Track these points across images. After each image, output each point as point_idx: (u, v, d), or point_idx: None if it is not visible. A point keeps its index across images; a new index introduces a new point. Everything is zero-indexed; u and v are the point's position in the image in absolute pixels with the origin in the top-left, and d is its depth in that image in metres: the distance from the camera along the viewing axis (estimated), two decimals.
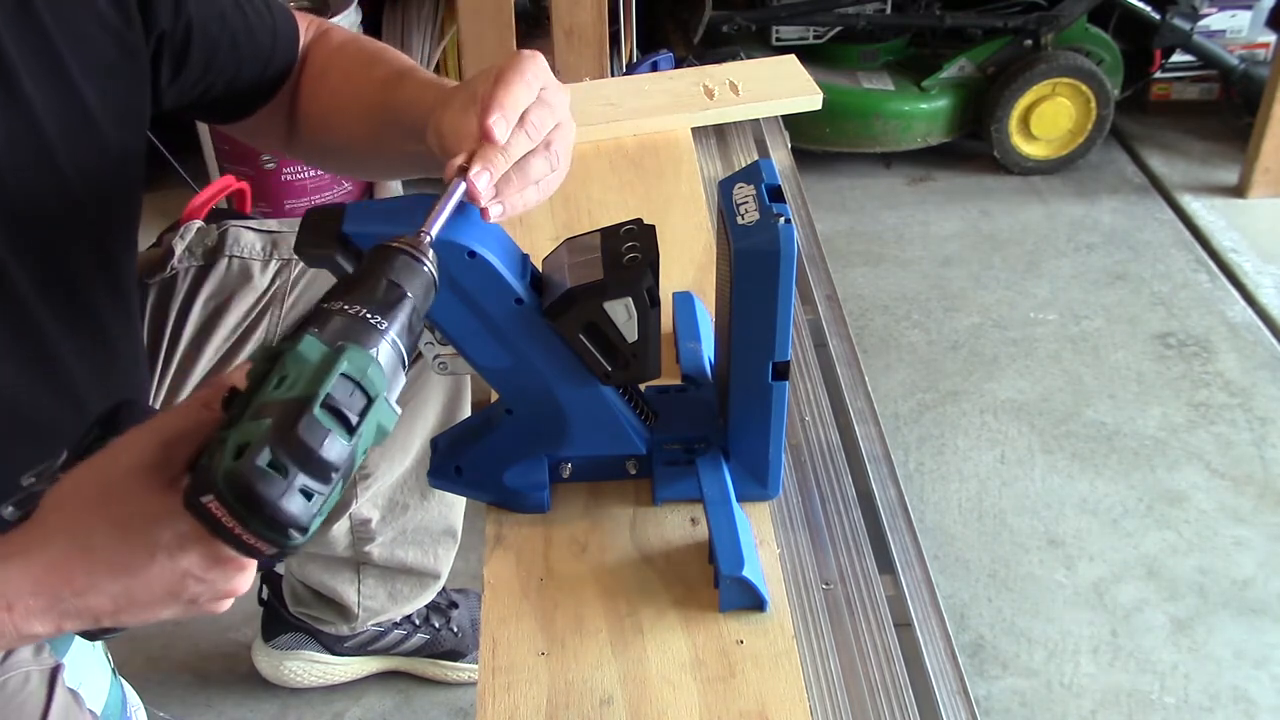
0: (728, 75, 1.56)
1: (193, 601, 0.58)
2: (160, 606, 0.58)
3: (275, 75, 0.98)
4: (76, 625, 0.57)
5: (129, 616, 0.58)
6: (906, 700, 0.75)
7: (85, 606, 0.57)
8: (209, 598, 0.58)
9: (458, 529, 1.43)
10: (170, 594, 0.57)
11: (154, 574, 0.57)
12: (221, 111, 1.00)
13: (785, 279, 0.78)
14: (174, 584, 0.57)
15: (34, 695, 0.90)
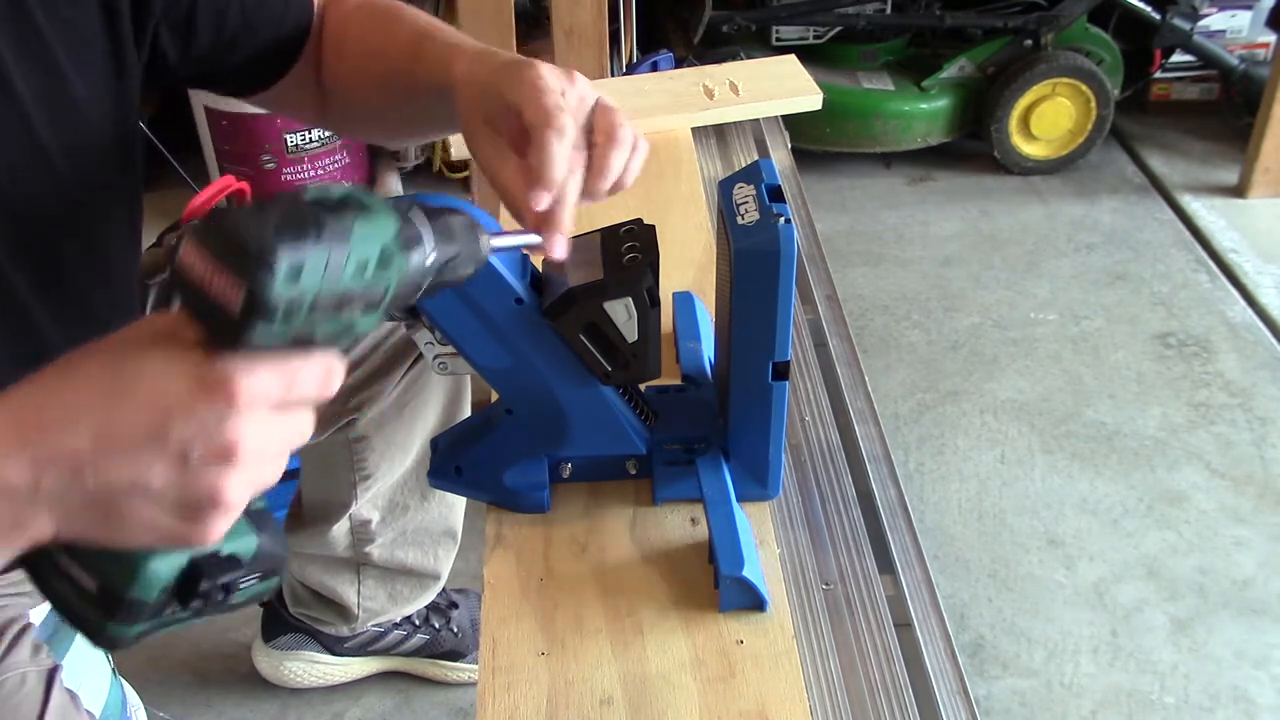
0: (728, 75, 1.57)
1: (181, 456, 0.50)
2: (145, 452, 0.50)
3: (292, 39, 0.95)
4: (55, 477, 0.50)
5: (110, 464, 0.50)
6: (906, 700, 0.75)
7: (61, 448, 0.50)
8: (200, 452, 0.50)
9: (458, 530, 1.43)
10: (155, 433, 0.50)
11: (138, 400, 0.50)
12: (242, 82, 0.97)
13: (785, 279, 0.78)
14: (159, 417, 0.50)
15: (30, 696, 0.90)
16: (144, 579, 0.53)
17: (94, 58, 0.83)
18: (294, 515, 1.42)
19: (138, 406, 0.50)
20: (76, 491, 0.50)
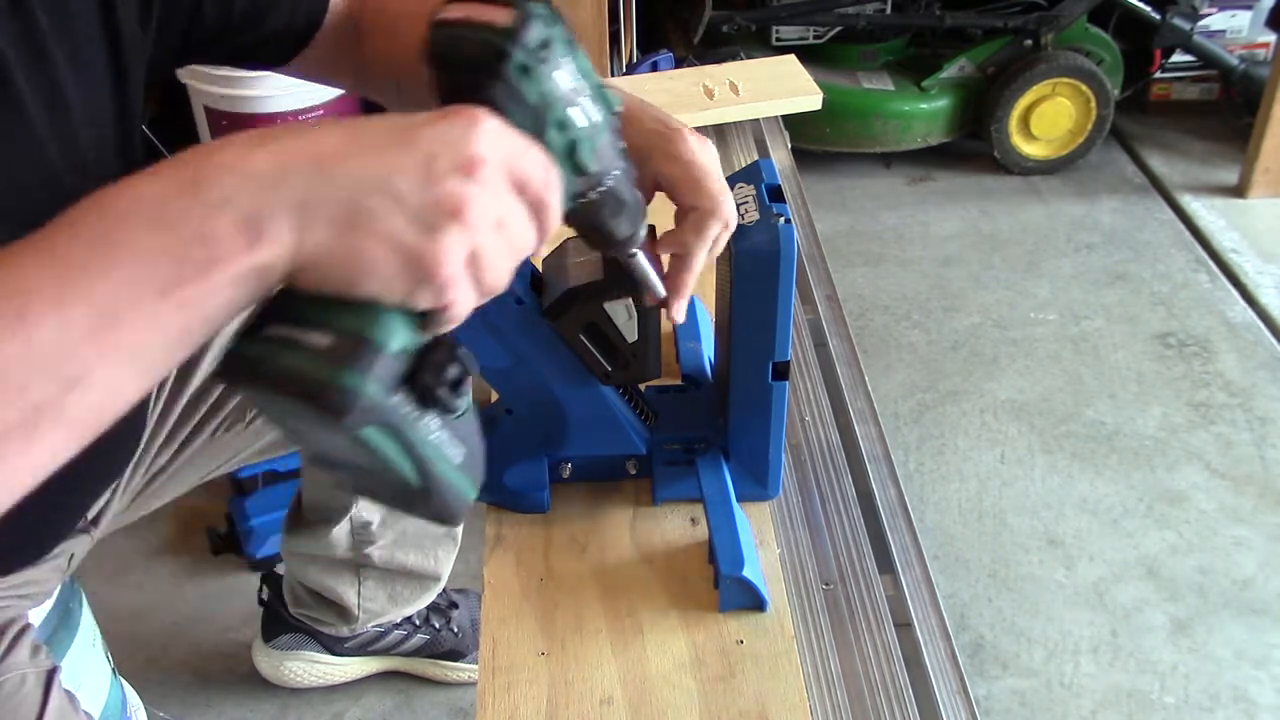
0: (728, 75, 1.57)
1: (428, 160, 0.50)
2: (392, 152, 0.50)
3: (306, 18, 0.91)
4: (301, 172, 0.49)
5: (357, 160, 0.50)
6: (906, 700, 0.75)
7: (309, 146, 0.50)
8: (445, 161, 0.50)
9: (458, 532, 1.43)
10: (402, 138, 0.51)
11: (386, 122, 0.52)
12: (255, 59, 0.94)
13: (785, 279, 0.78)
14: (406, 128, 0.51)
15: (29, 697, 0.90)
16: (382, 323, 0.51)
17: (93, 56, 0.83)
18: (294, 516, 1.42)
19: (386, 125, 0.51)
20: (321, 190, 0.49)
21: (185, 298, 0.47)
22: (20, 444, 0.45)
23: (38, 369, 0.44)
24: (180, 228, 0.47)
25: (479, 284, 0.53)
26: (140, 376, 0.48)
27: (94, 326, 0.45)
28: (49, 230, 0.47)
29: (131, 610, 1.69)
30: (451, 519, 0.59)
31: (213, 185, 0.48)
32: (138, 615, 1.69)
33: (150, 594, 1.72)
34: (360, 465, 0.56)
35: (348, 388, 0.49)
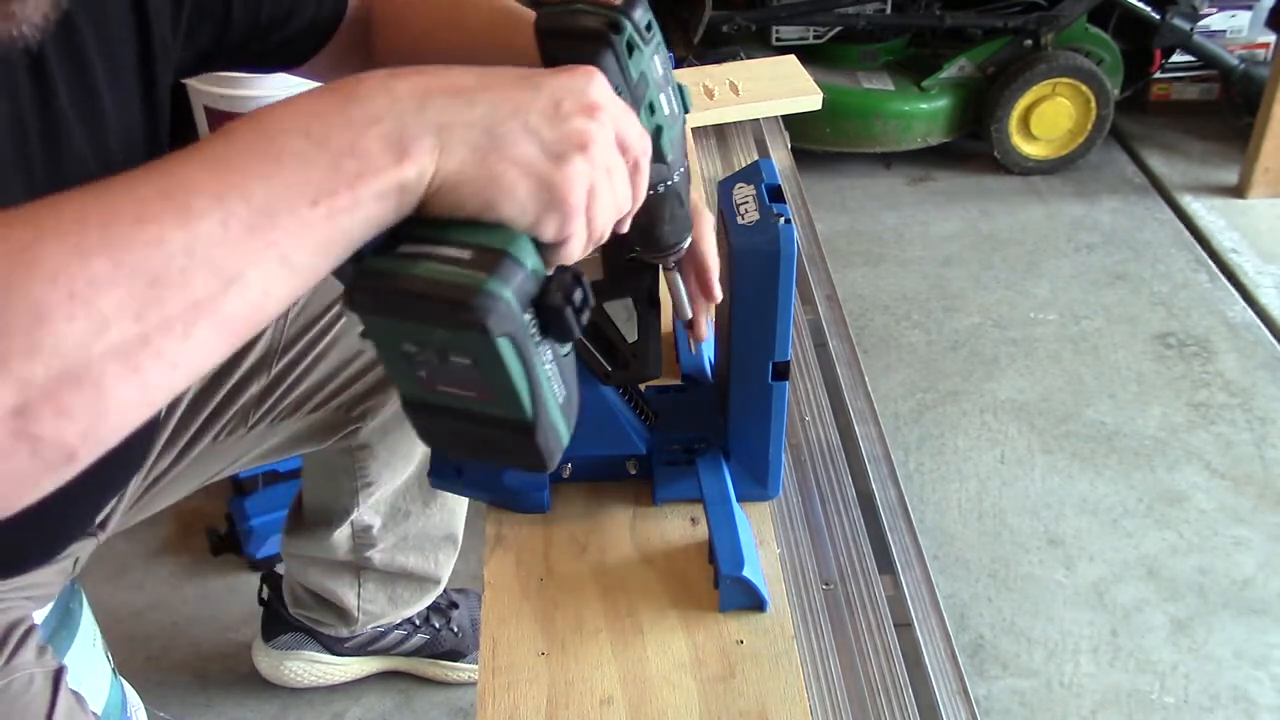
0: (728, 75, 1.57)
1: (555, 103, 0.55)
2: (524, 91, 0.55)
3: (330, 12, 0.92)
4: (442, 100, 0.53)
5: (493, 93, 0.55)
6: (906, 700, 0.75)
7: (449, 80, 0.54)
8: (569, 104, 0.56)
9: (459, 535, 1.43)
10: (532, 82, 0.56)
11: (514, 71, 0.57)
12: (272, 63, 0.95)
13: (785, 279, 0.78)
14: (533, 76, 0.56)
15: (38, 697, 0.90)
16: (516, 241, 0.54)
17: (128, 64, 0.82)
18: (295, 518, 1.42)
19: (512, 71, 0.57)
20: (462, 114, 0.53)
21: (335, 206, 0.49)
22: (179, 338, 0.46)
23: (200, 261, 0.46)
24: (333, 141, 0.50)
25: (591, 225, 0.57)
26: (287, 283, 0.50)
27: (251, 226, 0.47)
28: (205, 142, 0.50)
29: (131, 610, 1.69)
30: (546, 461, 0.61)
31: (362, 105, 0.52)
32: (138, 615, 1.69)
33: (150, 594, 1.72)
34: (467, 402, 0.58)
35: (491, 291, 0.52)
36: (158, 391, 0.47)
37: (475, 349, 0.54)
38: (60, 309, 0.43)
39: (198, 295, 0.46)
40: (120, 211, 0.46)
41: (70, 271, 0.44)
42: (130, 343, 0.45)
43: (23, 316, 0.43)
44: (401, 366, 0.58)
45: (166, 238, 0.46)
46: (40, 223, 0.45)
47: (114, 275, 0.45)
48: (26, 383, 0.43)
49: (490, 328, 0.52)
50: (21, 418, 0.44)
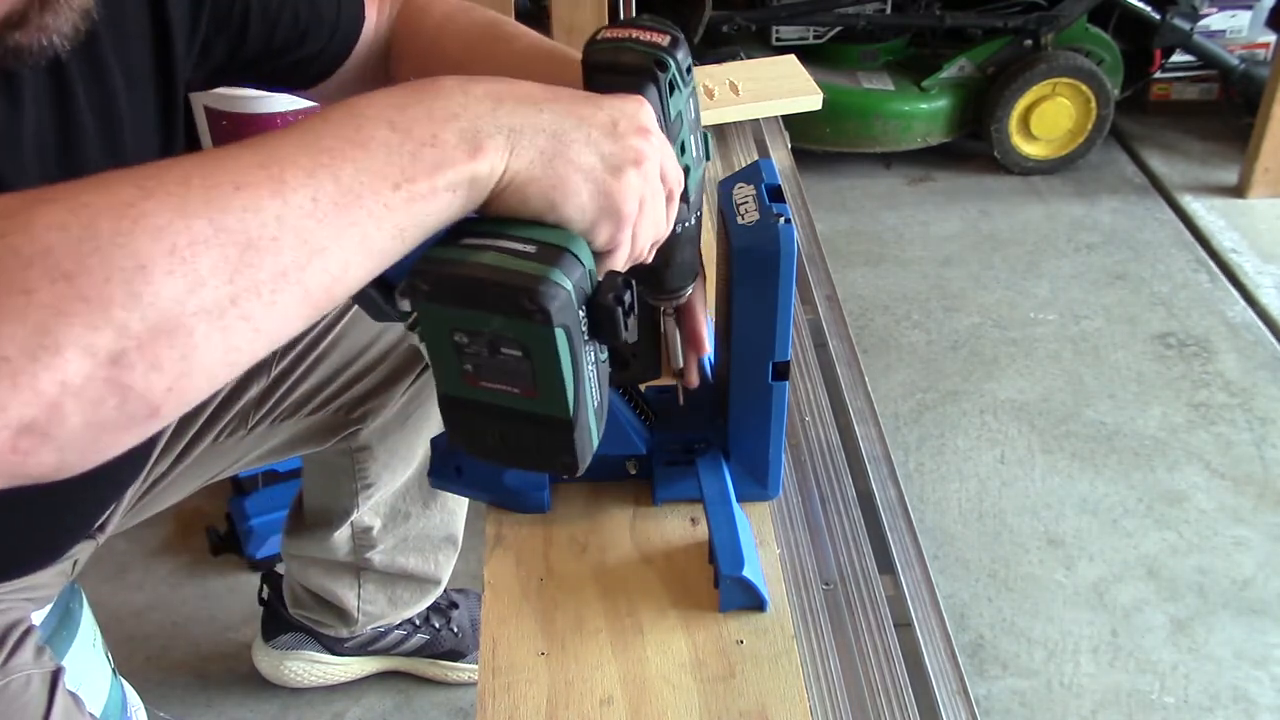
0: (728, 75, 1.57)
1: (612, 123, 0.60)
2: (585, 106, 0.60)
3: (341, 44, 0.94)
4: (514, 105, 0.58)
5: (559, 105, 0.59)
6: (906, 700, 0.75)
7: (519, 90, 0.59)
8: (624, 125, 0.60)
9: (459, 536, 1.43)
10: (592, 103, 0.61)
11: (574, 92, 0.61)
12: (279, 83, 0.97)
13: (785, 279, 0.78)
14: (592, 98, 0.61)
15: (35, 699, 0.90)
16: (576, 242, 0.58)
17: (145, 72, 0.83)
18: (295, 518, 1.42)
19: (571, 90, 0.62)
20: (531, 120, 0.58)
21: (414, 192, 0.53)
22: (265, 303, 0.48)
23: (290, 230, 0.49)
24: (415, 132, 0.54)
25: (635, 239, 0.62)
26: (363, 263, 0.52)
27: (338, 203, 0.51)
28: (299, 123, 0.53)
29: (131, 610, 1.69)
30: (579, 462, 0.63)
31: (442, 101, 0.56)
32: (138, 615, 1.69)
33: (150, 594, 1.72)
34: (509, 399, 0.60)
35: (556, 281, 0.55)
36: (238, 354, 0.49)
37: (531, 338, 0.57)
38: (161, 263, 0.45)
39: (285, 263, 0.49)
40: (220, 178, 0.48)
41: (174, 229, 0.46)
42: (221, 302, 0.47)
43: (127, 267, 0.45)
44: (448, 359, 0.60)
45: (262, 205, 0.48)
46: (144, 183, 0.47)
47: (212, 236, 0.47)
48: (124, 330, 0.45)
49: (553, 314, 0.55)
50: (117, 366, 0.45)
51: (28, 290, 0.44)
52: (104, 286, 0.44)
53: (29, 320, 0.44)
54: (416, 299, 0.58)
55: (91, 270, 0.44)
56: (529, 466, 0.65)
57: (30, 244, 0.44)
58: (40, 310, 0.44)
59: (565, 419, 0.60)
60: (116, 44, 0.77)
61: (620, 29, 0.67)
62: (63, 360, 0.44)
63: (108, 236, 0.45)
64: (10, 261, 0.44)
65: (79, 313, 0.44)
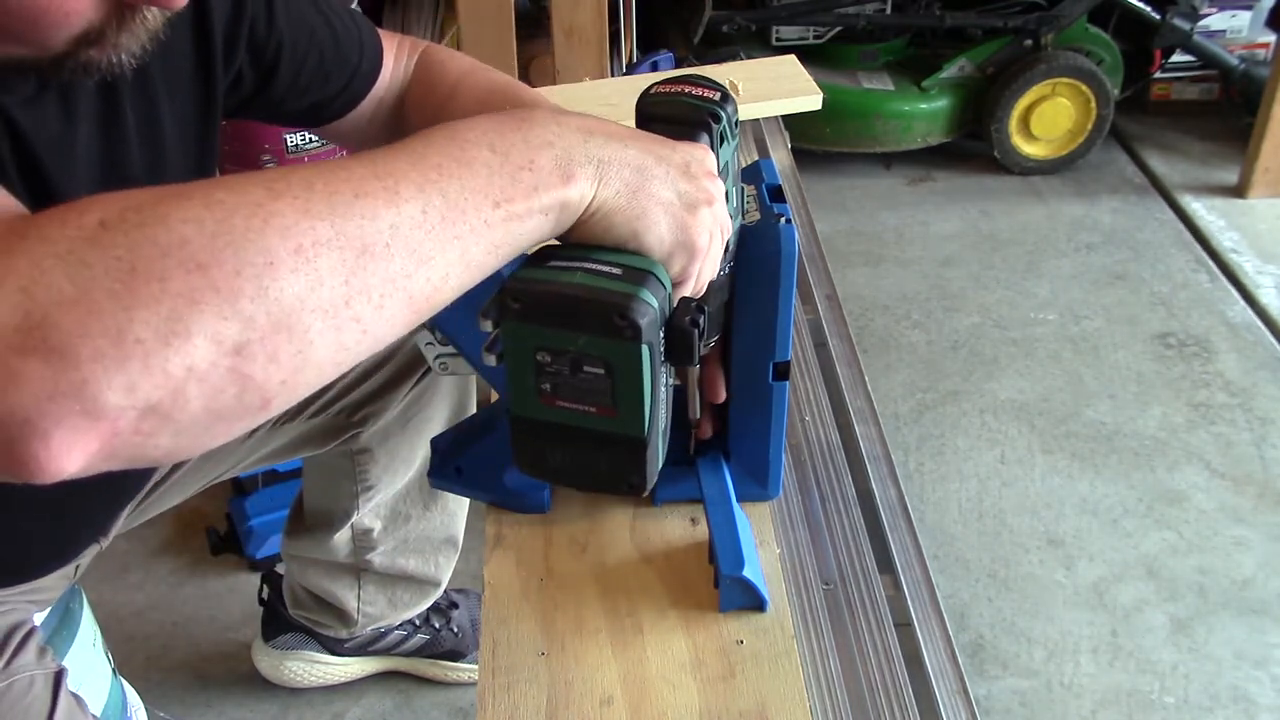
0: (728, 75, 1.56)
1: (686, 165, 0.64)
2: (663, 147, 0.64)
3: (359, 87, 0.98)
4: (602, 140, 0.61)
5: (640, 144, 0.63)
6: (906, 700, 0.75)
7: (607, 126, 0.63)
8: (696, 168, 0.65)
9: (459, 538, 1.43)
10: (667, 145, 0.65)
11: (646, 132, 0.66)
12: (297, 120, 1.01)
13: (785, 279, 0.78)
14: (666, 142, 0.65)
15: (39, 700, 0.90)
16: (658, 267, 0.62)
17: (186, 92, 0.86)
18: (295, 519, 1.42)
19: (647, 133, 0.67)
20: (618, 154, 0.61)
21: (511, 211, 0.57)
22: (374, 307, 0.51)
23: (401, 239, 0.52)
24: (513, 156, 0.58)
25: (701, 273, 0.66)
26: (463, 274, 0.55)
27: (444, 217, 0.54)
28: (407, 142, 0.57)
29: (131, 610, 1.69)
30: (648, 479, 0.66)
31: (538, 130, 0.60)
32: (138, 615, 1.69)
33: (150, 594, 1.72)
34: (583, 418, 0.63)
35: (644, 300, 0.59)
36: (346, 354, 0.51)
37: (617, 355, 0.60)
38: (288, 260, 0.48)
39: (394, 270, 0.52)
40: (341, 186, 0.51)
41: (300, 229, 0.49)
42: (336, 302, 0.50)
43: (257, 262, 0.47)
44: (527, 379, 0.63)
45: (378, 214, 0.51)
46: (273, 185, 0.50)
47: (333, 239, 0.50)
48: (250, 322, 0.47)
49: (643, 330, 0.59)
50: (240, 355, 0.47)
51: (163, 278, 0.46)
52: (234, 279, 0.47)
53: (163, 306, 0.46)
54: (506, 317, 0.61)
55: (224, 262, 0.47)
56: (595, 488, 0.68)
57: (167, 234, 0.47)
58: (174, 298, 0.46)
59: (640, 437, 0.63)
60: (163, 63, 0.80)
61: (673, 84, 0.72)
62: (192, 346, 0.46)
63: (240, 232, 0.47)
64: (148, 250, 0.46)
65: (210, 302, 0.46)
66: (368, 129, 1.02)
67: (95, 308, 0.45)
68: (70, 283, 0.45)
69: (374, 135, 1.03)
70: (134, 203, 0.48)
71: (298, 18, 0.92)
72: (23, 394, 0.45)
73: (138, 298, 0.46)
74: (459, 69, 1.00)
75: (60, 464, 0.46)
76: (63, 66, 0.66)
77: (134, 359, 0.45)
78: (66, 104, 0.75)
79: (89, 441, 0.46)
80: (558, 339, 0.60)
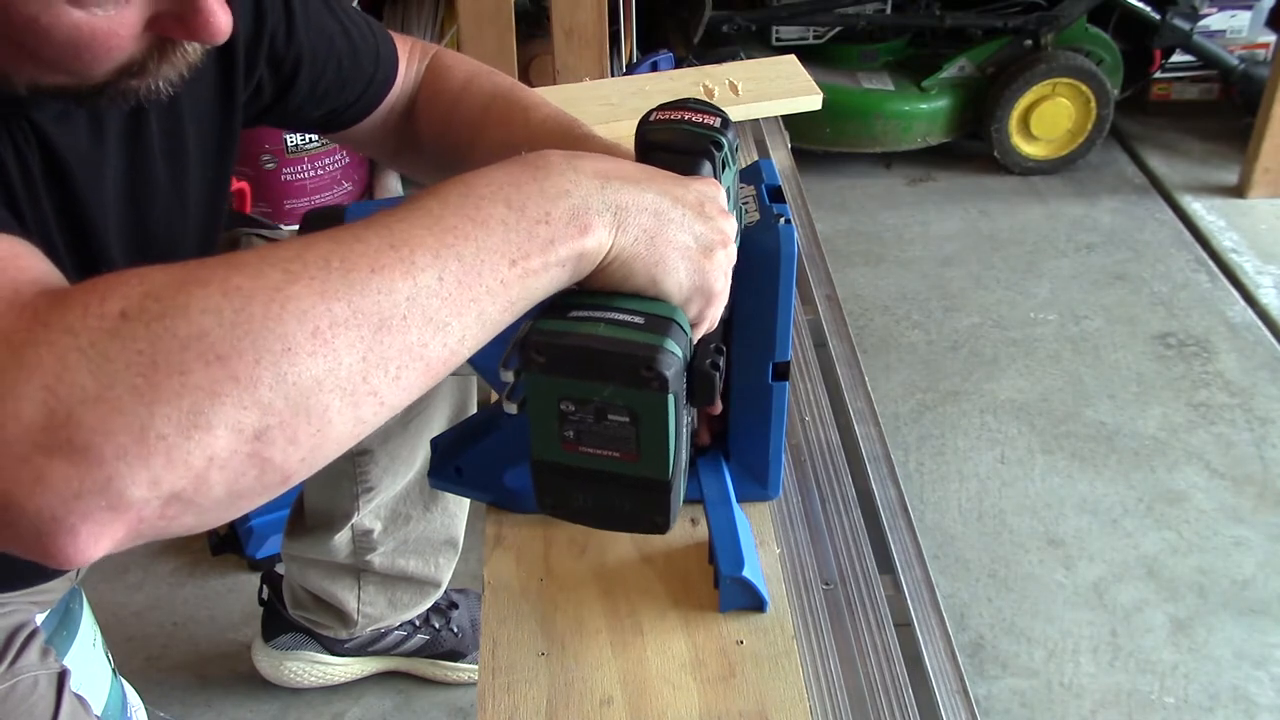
0: (728, 75, 1.57)
1: (700, 205, 0.64)
2: (677, 187, 0.63)
3: (374, 95, 0.99)
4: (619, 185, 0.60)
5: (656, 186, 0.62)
6: (906, 700, 0.75)
7: (624, 171, 0.62)
8: (710, 207, 0.64)
9: (459, 539, 1.43)
10: (681, 184, 0.64)
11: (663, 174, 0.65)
12: (312, 127, 1.02)
13: (785, 279, 0.78)
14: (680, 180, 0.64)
15: (43, 700, 0.90)
16: (679, 314, 0.62)
17: (209, 107, 0.87)
18: (295, 520, 1.41)
19: (662, 171, 0.65)
20: (636, 199, 0.60)
21: (528, 268, 0.56)
22: (391, 378, 0.51)
23: (418, 309, 0.52)
24: (529, 210, 0.57)
25: (717, 314, 0.66)
26: (479, 334, 0.55)
27: (461, 281, 0.53)
28: (419, 202, 0.56)
29: (131, 610, 1.69)
30: (671, 520, 0.66)
31: (554, 179, 0.59)
32: (138, 615, 1.69)
33: (150, 594, 1.72)
34: (606, 462, 0.63)
35: (670, 350, 0.59)
36: (364, 425, 0.52)
37: (642, 405, 0.60)
38: (305, 345, 0.49)
39: (411, 341, 0.52)
40: (357, 261, 0.51)
41: (317, 312, 0.49)
42: (354, 379, 0.50)
43: (275, 349, 0.48)
44: (550, 427, 0.63)
45: (395, 287, 0.51)
46: (289, 266, 0.50)
47: (350, 318, 0.50)
48: (269, 409, 0.48)
49: (669, 381, 0.59)
50: (260, 441, 0.48)
51: (184, 371, 0.47)
52: (254, 368, 0.47)
53: (184, 400, 0.46)
54: (530, 369, 0.61)
55: (244, 353, 0.47)
56: (618, 527, 0.68)
57: (187, 326, 0.47)
58: (195, 391, 0.47)
59: (664, 480, 0.64)
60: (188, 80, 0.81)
61: (673, 110, 0.71)
62: (213, 437, 0.47)
63: (259, 321, 0.48)
64: (168, 343, 0.47)
65: (230, 393, 0.47)
66: (379, 134, 1.03)
67: (118, 405, 0.46)
68: (93, 379, 0.46)
69: (384, 140, 1.04)
70: (154, 288, 0.48)
71: (317, 29, 0.92)
72: (49, 494, 0.46)
73: (159, 393, 0.46)
74: (465, 74, 1.00)
75: (87, 554, 0.47)
76: (102, 94, 0.67)
77: (157, 454, 0.46)
78: (95, 121, 0.76)
79: (115, 531, 0.47)
80: (583, 389, 0.60)
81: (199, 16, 0.63)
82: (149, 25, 0.64)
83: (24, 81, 0.65)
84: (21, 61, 0.63)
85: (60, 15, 0.60)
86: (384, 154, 1.08)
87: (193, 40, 0.65)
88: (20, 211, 0.71)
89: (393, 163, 1.10)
